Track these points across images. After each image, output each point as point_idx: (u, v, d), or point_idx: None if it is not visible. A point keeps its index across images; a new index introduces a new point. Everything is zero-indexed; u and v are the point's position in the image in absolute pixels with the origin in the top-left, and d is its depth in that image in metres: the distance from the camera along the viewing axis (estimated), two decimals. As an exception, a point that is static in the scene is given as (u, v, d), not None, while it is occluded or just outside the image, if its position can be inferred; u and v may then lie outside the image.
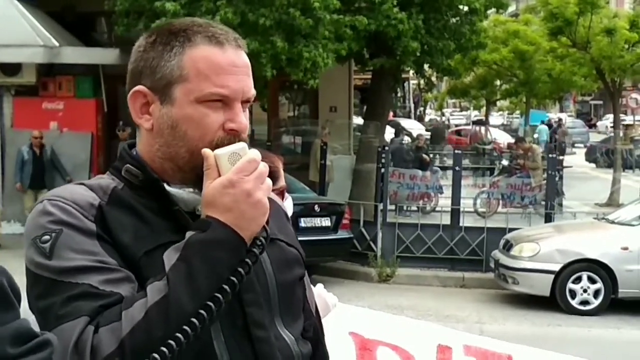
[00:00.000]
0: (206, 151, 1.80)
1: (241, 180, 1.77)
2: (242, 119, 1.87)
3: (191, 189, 1.87)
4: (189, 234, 1.76)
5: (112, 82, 16.91)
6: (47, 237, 1.77)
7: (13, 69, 17.11)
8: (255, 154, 1.82)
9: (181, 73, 1.85)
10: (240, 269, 1.76)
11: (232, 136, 1.85)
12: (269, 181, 1.83)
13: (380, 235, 15.46)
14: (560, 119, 50.54)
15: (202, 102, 1.84)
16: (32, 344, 1.47)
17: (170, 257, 1.74)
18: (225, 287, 1.73)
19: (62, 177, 16.33)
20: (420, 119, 62.30)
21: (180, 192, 1.87)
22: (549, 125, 43.91)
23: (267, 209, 1.82)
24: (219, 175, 1.78)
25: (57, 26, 18.31)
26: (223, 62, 1.86)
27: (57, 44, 16.73)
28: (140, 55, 1.91)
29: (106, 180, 1.92)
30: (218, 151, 1.80)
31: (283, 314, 1.93)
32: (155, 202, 1.86)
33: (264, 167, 1.82)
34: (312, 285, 3.33)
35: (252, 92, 1.92)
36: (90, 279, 1.73)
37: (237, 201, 1.76)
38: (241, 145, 1.82)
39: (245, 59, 1.91)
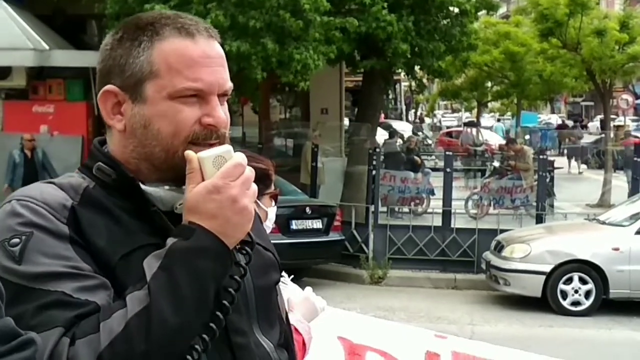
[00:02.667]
0: (189, 153, 1.71)
1: (227, 185, 1.68)
2: (219, 112, 1.78)
3: (167, 187, 1.78)
4: (170, 240, 1.67)
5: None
6: (16, 240, 1.65)
7: (3, 72, 17.05)
8: (241, 157, 1.73)
9: (151, 69, 1.76)
10: (231, 290, 1.71)
11: (210, 131, 1.77)
12: (254, 187, 1.75)
13: (371, 237, 15.46)
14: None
15: (176, 97, 1.75)
16: (15, 343, 1.45)
17: (151, 265, 1.64)
18: (218, 313, 1.68)
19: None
20: (421, 120, 62.46)
21: (157, 191, 1.77)
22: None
23: (252, 215, 1.74)
24: (203, 179, 1.70)
25: (47, 29, 18.26)
26: (195, 54, 1.77)
27: (47, 47, 16.68)
28: (108, 54, 1.82)
29: (77, 179, 1.82)
30: (202, 154, 1.71)
31: (261, 320, 1.86)
32: (129, 202, 1.76)
33: (250, 172, 1.73)
34: (300, 289, 3.34)
35: (229, 84, 1.83)
36: (64, 286, 1.62)
37: (222, 207, 1.68)
38: (226, 148, 1.74)
39: (219, 50, 1.82)
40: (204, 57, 1.78)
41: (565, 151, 37.13)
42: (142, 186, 1.77)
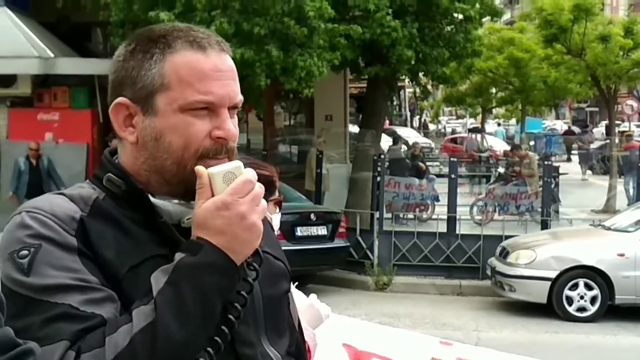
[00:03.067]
0: (199, 169, 1.71)
1: (236, 202, 1.68)
2: (229, 126, 1.78)
3: (176, 201, 1.79)
4: (178, 255, 1.68)
5: (107, 92, 16.84)
6: (25, 252, 1.67)
7: (8, 80, 17.08)
8: (251, 174, 1.73)
9: (163, 81, 1.76)
10: (236, 304, 1.71)
11: (220, 145, 1.77)
12: (264, 202, 1.75)
13: (376, 243, 15.45)
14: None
15: (187, 110, 1.75)
16: (14, 353, 1.45)
17: (158, 279, 1.65)
18: (224, 328, 1.69)
19: (57, 188, 16.29)
20: (425, 126, 62.46)
21: (165, 204, 1.78)
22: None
23: (261, 232, 1.73)
24: (212, 195, 1.70)
25: (52, 37, 18.30)
26: (206, 67, 1.77)
27: (52, 55, 16.72)
28: (121, 65, 1.83)
29: (87, 190, 1.82)
30: (212, 169, 1.71)
31: (269, 331, 1.86)
32: (138, 214, 1.77)
33: (259, 189, 1.73)
34: (305, 296, 3.34)
35: (239, 97, 1.83)
36: (71, 299, 1.63)
37: (230, 224, 1.68)
38: (236, 164, 1.74)
39: (230, 63, 1.84)
40: (215, 71, 1.79)
41: (577, 157, 36.91)
42: (151, 199, 1.78)
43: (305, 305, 3.22)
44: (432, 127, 65.34)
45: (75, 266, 1.68)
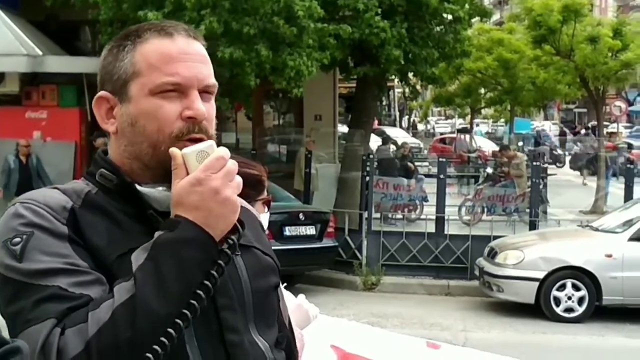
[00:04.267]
0: (174, 150, 1.78)
1: (208, 177, 1.74)
2: (198, 105, 1.84)
3: (162, 188, 1.84)
4: (157, 233, 1.74)
5: (95, 91, 16.67)
6: (18, 239, 1.74)
7: (-4, 78, 17.04)
8: (223, 151, 1.79)
9: (134, 69, 1.85)
10: (213, 272, 1.74)
11: (191, 124, 1.83)
12: (238, 179, 1.80)
13: (365, 243, 15.46)
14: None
15: (156, 93, 1.83)
16: (1, 351, 1.46)
17: (138, 257, 1.71)
18: (199, 292, 1.70)
19: (45, 186, 16.23)
20: (414, 126, 62.53)
21: (152, 192, 1.84)
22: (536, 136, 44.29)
23: (237, 207, 1.79)
24: (188, 174, 1.76)
25: (40, 35, 18.24)
26: (172, 51, 1.85)
27: (40, 53, 16.66)
28: (102, 65, 1.93)
29: (80, 184, 1.90)
30: (185, 150, 1.78)
31: (257, 321, 1.90)
32: (130, 206, 1.84)
33: (232, 165, 1.79)
34: (293, 296, 3.33)
35: (211, 80, 1.89)
36: (60, 281, 1.70)
37: (204, 199, 1.74)
38: (209, 143, 1.80)
39: (198, 48, 1.90)
40: (181, 53, 1.86)
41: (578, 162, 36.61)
42: (138, 187, 1.84)
43: (293, 305, 3.22)
44: (420, 127, 65.41)
45: (66, 252, 1.75)
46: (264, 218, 3.32)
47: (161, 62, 1.84)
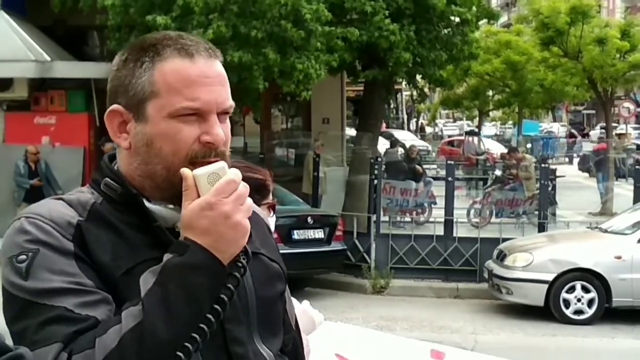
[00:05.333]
0: (185, 171, 1.76)
1: (219, 202, 1.72)
2: (217, 130, 1.82)
3: (171, 206, 1.82)
4: (166, 256, 1.72)
5: (104, 96, 16.35)
6: (23, 256, 1.72)
7: (5, 83, 17.07)
8: (235, 174, 1.77)
9: (152, 89, 1.82)
10: (223, 295, 1.72)
11: (208, 149, 1.81)
12: (249, 201, 1.78)
13: (373, 246, 15.44)
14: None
15: (175, 117, 1.80)
16: (4, 358, 1.46)
17: (146, 281, 1.70)
18: (209, 316, 1.69)
19: (54, 191, 16.29)
20: (422, 129, 62.50)
21: (159, 209, 1.82)
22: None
23: (247, 230, 1.77)
24: (198, 196, 1.74)
25: (48, 40, 18.29)
26: (193, 73, 1.81)
27: (48, 58, 16.71)
28: (115, 74, 1.89)
29: (85, 195, 1.87)
30: (197, 171, 1.75)
31: (261, 330, 1.89)
32: (134, 217, 1.81)
33: (243, 188, 1.77)
34: (297, 302, 3.33)
35: (229, 102, 1.87)
36: (66, 302, 1.68)
37: (215, 224, 1.71)
38: (220, 165, 1.78)
39: (219, 69, 1.87)
40: (202, 77, 1.82)
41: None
42: (146, 203, 1.82)
43: (298, 311, 3.22)
44: (429, 130, 65.37)
45: (72, 270, 1.73)
46: (270, 222, 3.32)
47: (181, 84, 1.80)
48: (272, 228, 3.35)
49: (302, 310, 3.28)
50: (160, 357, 1.64)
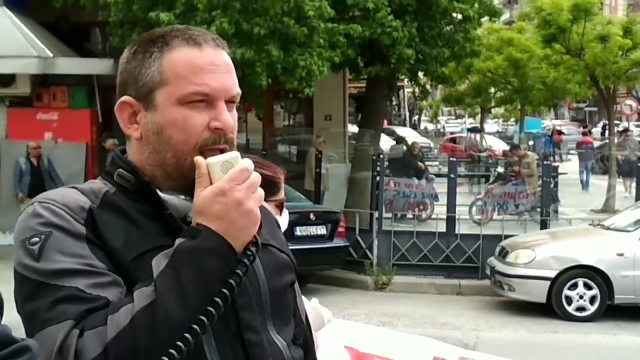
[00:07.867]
0: (198, 159, 1.79)
1: (232, 189, 1.75)
2: (226, 117, 1.86)
3: (183, 197, 1.86)
4: (178, 240, 1.75)
5: (106, 92, 16.82)
6: (36, 239, 1.75)
7: (7, 80, 17.07)
8: (247, 163, 1.80)
9: (161, 78, 1.85)
10: (231, 280, 1.75)
11: (218, 135, 1.85)
12: (260, 191, 1.81)
13: (376, 243, 15.45)
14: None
15: (184, 103, 1.84)
16: (10, 350, 1.47)
17: (159, 263, 1.73)
18: (217, 299, 1.71)
19: (56, 187, 16.27)
20: (414, 127, 62.52)
21: (172, 198, 1.86)
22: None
23: (258, 219, 1.80)
24: (211, 184, 1.77)
25: (51, 37, 18.30)
26: (201, 61, 1.85)
27: (51, 54, 16.71)
28: (124, 67, 1.92)
29: (98, 184, 1.91)
30: (210, 159, 1.79)
31: (275, 319, 1.92)
32: (147, 206, 1.85)
33: (256, 177, 1.80)
34: (307, 299, 3.34)
35: (237, 90, 1.91)
36: (77, 282, 1.71)
37: (227, 210, 1.75)
38: (234, 154, 1.81)
39: (226, 58, 1.91)
40: (210, 65, 1.86)
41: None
42: (159, 192, 1.86)
43: (308, 307, 3.23)
44: (430, 126, 65.35)
45: (83, 252, 1.76)
46: (281, 220, 3.31)
47: (190, 72, 1.84)
48: (285, 226, 3.33)
49: (312, 307, 3.29)
50: (171, 336, 1.67)
